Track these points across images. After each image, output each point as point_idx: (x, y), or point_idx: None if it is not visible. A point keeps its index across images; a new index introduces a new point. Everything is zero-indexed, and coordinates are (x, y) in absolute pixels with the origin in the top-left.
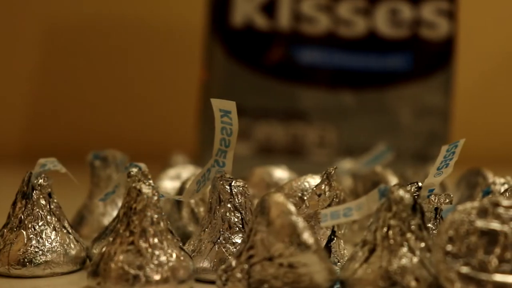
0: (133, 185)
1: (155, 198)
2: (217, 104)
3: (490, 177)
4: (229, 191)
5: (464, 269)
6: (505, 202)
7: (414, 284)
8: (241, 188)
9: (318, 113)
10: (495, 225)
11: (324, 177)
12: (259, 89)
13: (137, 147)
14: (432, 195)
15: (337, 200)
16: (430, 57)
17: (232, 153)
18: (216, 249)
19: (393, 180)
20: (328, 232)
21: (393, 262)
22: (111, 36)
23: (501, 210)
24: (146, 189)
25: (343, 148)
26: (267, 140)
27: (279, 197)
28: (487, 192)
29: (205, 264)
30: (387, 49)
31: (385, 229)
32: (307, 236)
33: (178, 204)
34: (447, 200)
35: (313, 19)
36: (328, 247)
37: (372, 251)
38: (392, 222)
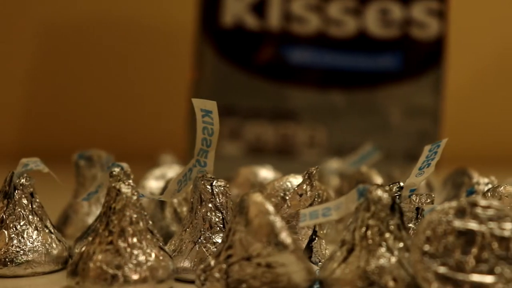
0: (113, 184)
1: (134, 197)
2: (198, 104)
3: (475, 177)
4: (210, 191)
5: (441, 269)
6: (482, 202)
7: (392, 284)
8: (222, 188)
9: (308, 113)
10: (472, 225)
11: (306, 177)
12: (249, 89)
13: (130, 146)
14: (414, 195)
15: (319, 200)
16: (420, 57)
17: (213, 153)
18: (197, 249)
19: (378, 180)
20: (310, 232)
21: (371, 262)
22: (102, 36)
23: (478, 210)
24: (125, 189)
25: (333, 148)
26: (257, 140)
27: (257, 197)
28: (471, 192)
29: (186, 263)
30: (377, 49)
31: (363, 229)
32: (284, 236)
33: (161, 204)
34: (429, 200)
35: (303, 19)
36: (309, 247)
37: (350, 251)
38: (371, 222)
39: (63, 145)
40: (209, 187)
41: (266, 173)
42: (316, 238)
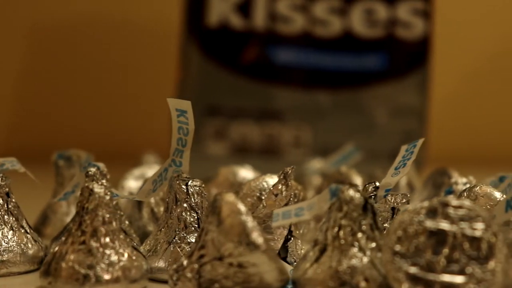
0: (86, 184)
1: (107, 197)
2: (173, 103)
3: (454, 177)
4: (185, 190)
5: (412, 269)
6: (454, 202)
7: (364, 284)
8: (197, 188)
9: (294, 113)
10: (444, 225)
11: (281, 176)
12: (234, 89)
13: (117, 146)
14: (389, 195)
15: (295, 200)
16: (405, 57)
17: (188, 153)
18: (171, 249)
19: (357, 179)
20: (285, 232)
21: (343, 262)
22: (88, 36)
23: (450, 210)
24: (98, 189)
25: (318, 148)
26: (242, 140)
27: (230, 197)
28: (449, 192)
29: (160, 263)
30: (362, 49)
31: (336, 229)
32: (255, 236)
33: (138, 204)
34: (404, 200)
35: (288, 19)
36: (285, 247)
37: (322, 251)
38: (343, 222)
39: (50, 145)
40: (184, 187)
41: (245, 173)
42: (292, 238)
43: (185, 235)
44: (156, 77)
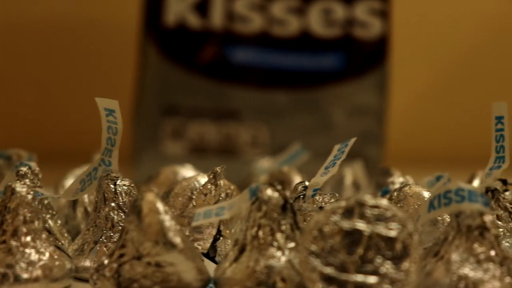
0: (9, 184)
1: (29, 197)
2: (102, 103)
3: (393, 176)
4: (113, 190)
5: (326, 269)
6: (370, 202)
7: (281, 284)
8: (126, 187)
9: (251, 113)
10: (359, 225)
11: (211, 176)
12: (192, 89)
13: (74, 145)
14: (317, 195)
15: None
16: (363, 57)
17: (117, 152)
18: (97, 248)
19: (297, 179)
20: (214, 232)
21: (260, 262)
22: (46, 34)
23: (366, 210)
24: (19, 188)
25: (276, 148)
26: (200, 139)
27: (149, 196)
28: (386, 191)
29: (86, 263)
30: (320, 49)
31: (255, 229)
32: (172, 236)
33: (73, 204)
34: (332, 200)
35: (246, 18)
36: (213, 247)
37: (242, 250)
38: (263, 221)
39: (10, 145)
40: (112, 186)
41: (186, 172)
42: (221, 238)
43: (112, 234)
44: (115, 77)
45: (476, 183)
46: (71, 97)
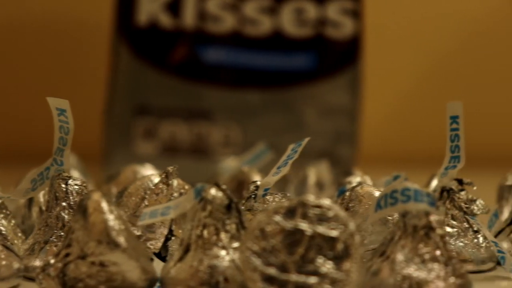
0: None
1: None
2: (53, 102)
3: (351, 176)
4: (65, 189)
5: (267, 269)
6: (313, 202)
7: (223, 284)
8: (77, 187)
9: (223, 112)
10: (301, 225)
11: (163, 176)
12: (163, 88)
13: (41, 146)
14: (268, 194)
15: None
16: (335, 57)
17: (68, 152)
18: (47, 248)
19: (257, 178)
20: (166, 231)
21: (204, 262)
22: (19, 34)
23: (309, 210)
24: None
25: (248, 147)
26: (172, 139)
27: (95, 195)
28: (342, 191)
29: (37, 262)
30: (292, 49)
31: (200, 228)
32: (115, 235)
33: (29, 203)
34: (283, 199)
35: (218, 18)
36: (165, 246)
37: (186, 250)
38: (207, 221)
39: None
40: (64, 186)
41: (146, 171)
42: (173, 237)
43: (62, 234)
44: (87, 76)
45: (435, 183)
46: (41, 96)
